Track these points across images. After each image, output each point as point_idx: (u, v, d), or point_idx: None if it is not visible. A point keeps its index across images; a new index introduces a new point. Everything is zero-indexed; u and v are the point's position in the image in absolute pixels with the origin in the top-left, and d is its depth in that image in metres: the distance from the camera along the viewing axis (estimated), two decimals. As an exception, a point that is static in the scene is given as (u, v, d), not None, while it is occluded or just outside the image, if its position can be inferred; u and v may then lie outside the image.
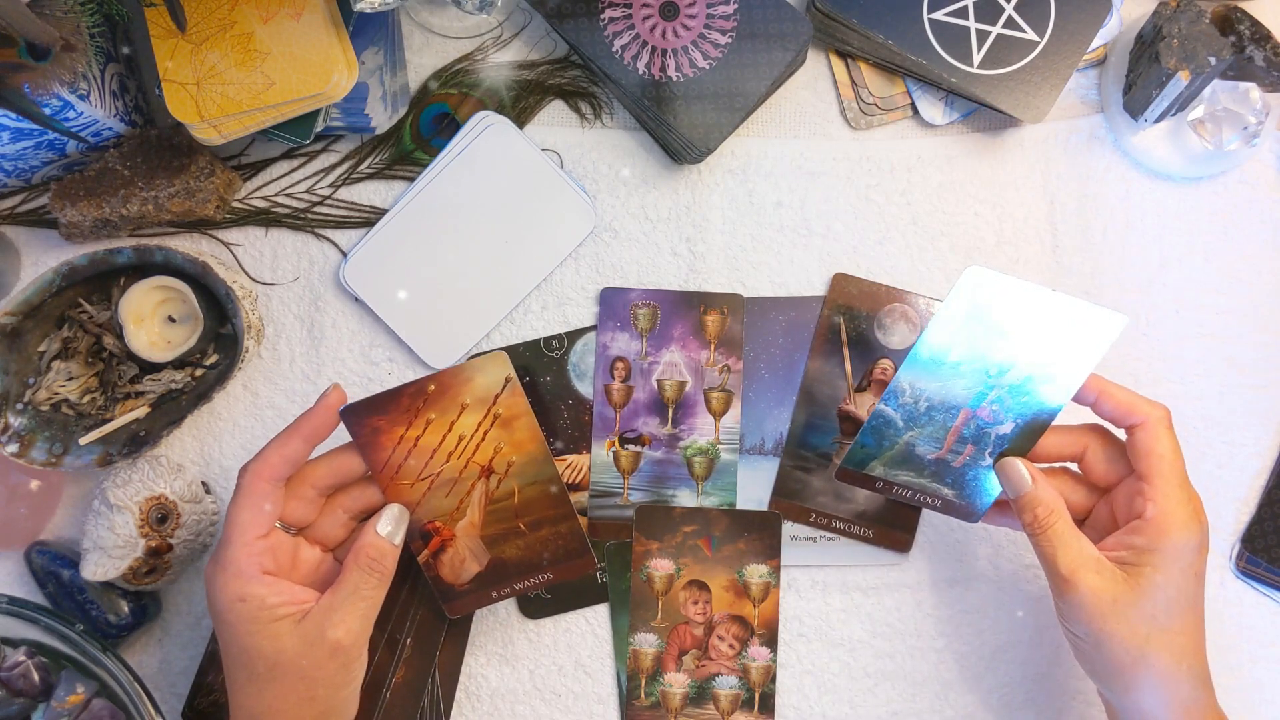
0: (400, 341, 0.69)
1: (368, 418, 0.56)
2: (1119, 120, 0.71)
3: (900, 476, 0.61)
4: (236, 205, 0.70)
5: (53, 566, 0.66)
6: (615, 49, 0.67)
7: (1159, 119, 0.68)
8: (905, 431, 0.60)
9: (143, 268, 0.65)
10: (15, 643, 0.62)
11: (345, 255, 0.70)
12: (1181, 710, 0.55)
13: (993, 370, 0.58)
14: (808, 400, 0.69)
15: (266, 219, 0.70)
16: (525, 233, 0.69)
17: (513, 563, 0.60)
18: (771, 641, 0.67)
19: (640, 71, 0.67)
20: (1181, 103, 0.67)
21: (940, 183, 0.71)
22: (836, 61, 0.71)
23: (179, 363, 0.66)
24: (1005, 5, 0.68)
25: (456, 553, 0.59)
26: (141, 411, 0.65)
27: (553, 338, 0.70)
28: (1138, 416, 0.56)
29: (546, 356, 0.69)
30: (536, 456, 0.58)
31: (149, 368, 0.66)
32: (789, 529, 0.69)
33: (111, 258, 0.64)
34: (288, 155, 0.70)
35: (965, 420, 0.59)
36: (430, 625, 0.66)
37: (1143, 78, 0.67)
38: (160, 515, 0.63)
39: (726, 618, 0.68)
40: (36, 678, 0.61)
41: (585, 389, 0.69)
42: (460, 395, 0.56)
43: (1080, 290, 0.71)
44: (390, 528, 0.56)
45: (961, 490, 0.61)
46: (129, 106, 0.66)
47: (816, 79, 0.72)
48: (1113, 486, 0.59)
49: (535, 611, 0.68)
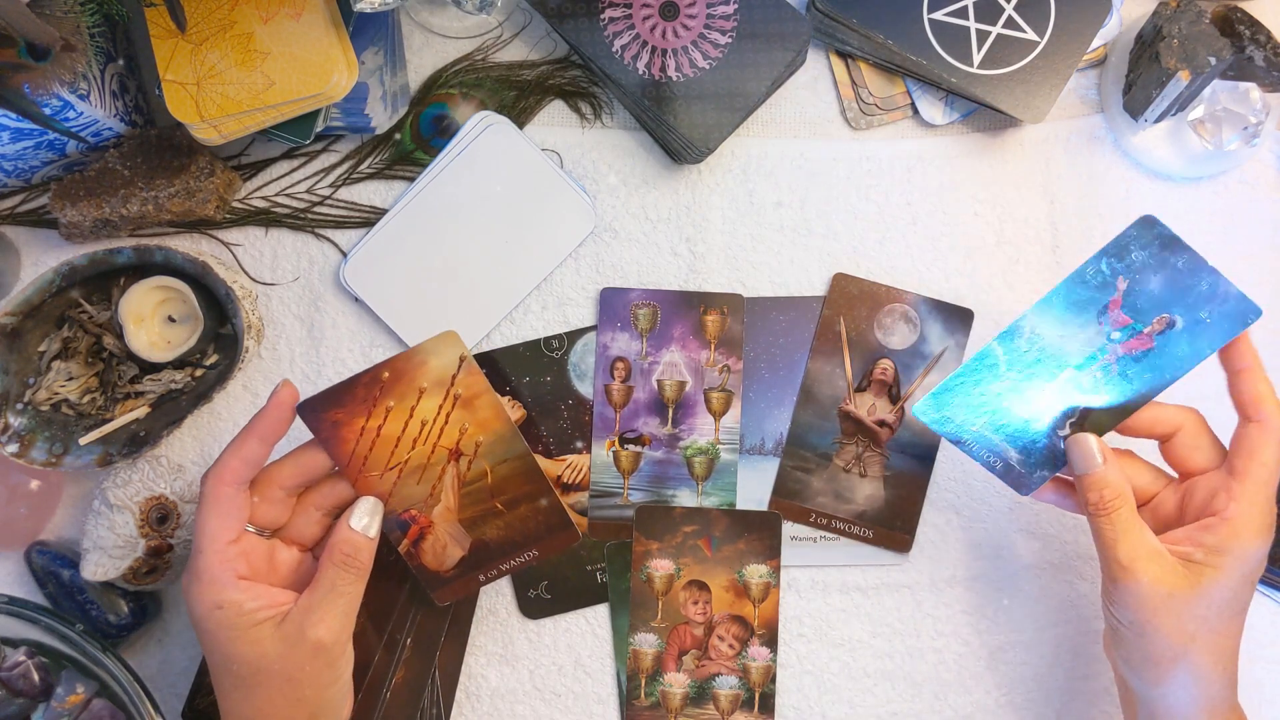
0: (400, 341, 0.69)
1: (325, 412, 0.55)
2: (1119, 120, 0.71)
3: (973, 426, 0.59)
4: (236, 205, 0.70)
5: (53, 566, 0.66)
6: (615, 49, 0.67)
7: (1159, 119, 0.68)
8: (1002, 378, 0.58)
9: (143, 268, 0.65)
10: (15, 643, 0.62)
11: (345, 255, 0.70)
12: (1209, 708, 0.55)
13: (1115, 333, 0.57)
14: (808, 400, 0.69)
15: (266, 219, 0.70)
16: (525, 233, 0.69)
17: (495, 543, 0.59)
18: (771, 641, 0.67)
19: (640, 71, 0.67)
20: (1181, 103, 0.67)
21: (940, 183, 0.71)
22: (836, 61, 0.72)
23: (179, 363, 0.66)
24: (1005, 5, 0.68)
25: (437, 539, 0.58)
26: (141, 411, 0.65)
27: (553, 338, 0.70)
28: (1263, 413, 0.55)
29: (546, 356, 0.69)
30: (504, 434, 0.57)
31: (149, 368, 0.66)
32: (789, 529, 0.69)
33: (111, 258, 0.64)
34: (288, 155, 0.70)
35: (1065, 380, 0.58)
36: (430, 625, 0.66)
37: (1143, 78, 0.67)
38: (160, 515, 0.63)
39: (726, 618, 0.68)
40: (36, 678, 0.61)
41: (585, 389, 0.69)
42: (416, 379, 0.55)
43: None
44: (365, 520, 0.55)
45: (1029, 457, 0.59)
46: (129, 106, 0.66)
47: (816, 79, 0.72)
48: (1191, 475, 0.58)
49: (535, 611, 0.68)
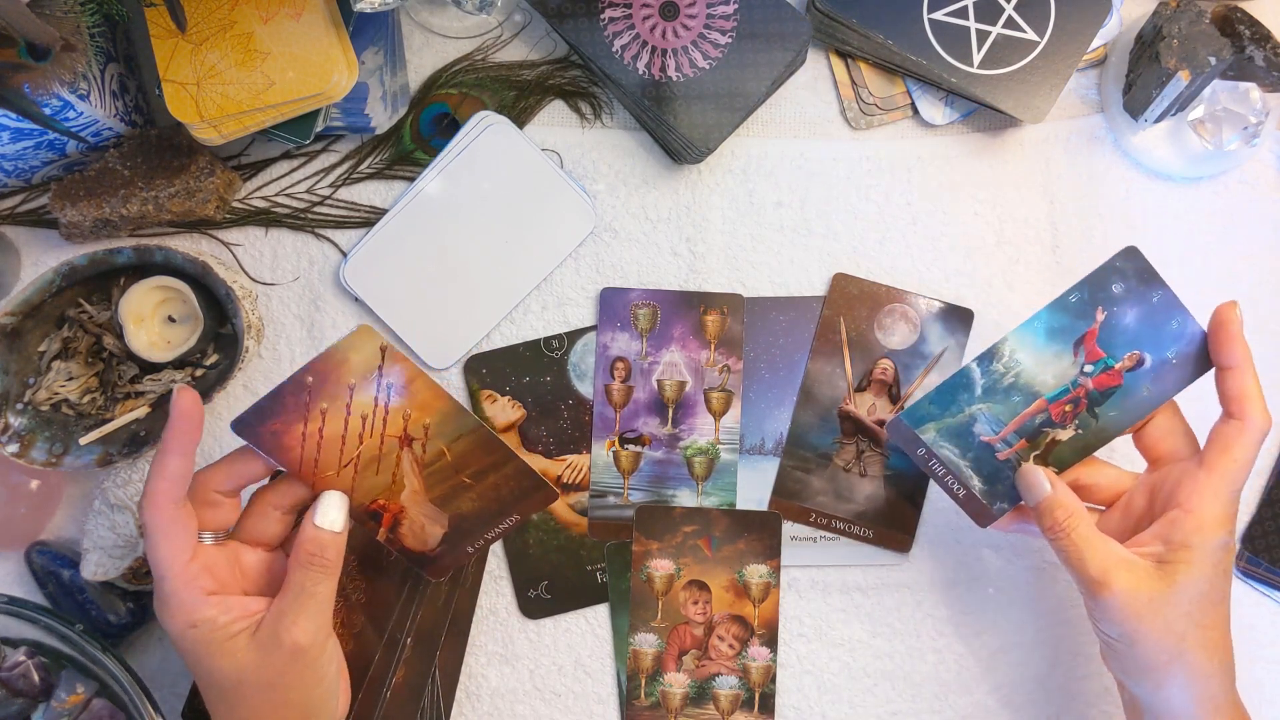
0: (401, 341, 0.69)
1: (261, 425, 0.54)
2: (1119, 120, 0.71)
3: (944, 449, 0.59)
4: (236, 205, 0.70)
5: (53, 566, 0.66)
6: (615, 49, 0.67)
7: (1159, 119, 0.68)
8: (977, 402, 0.58)
9: (143, 268, 0.65)
10: (15, 643, 0.62)
11: (345, 255, 0.70)
12: (1211, 705, 0.55)
13: (1088, 366, 0.57)
14: (808, 400, 0.69)
15: (266, 219, 0.70)
16: (525, 233, 0.69)
17: (473, 515, 0.59)
18: (771, 641, 0.67)
19: (640, 71, 0.67)
20: (1181, 103, 0.67)
21: (940, 183, 0.71)
22: (836, 61, 0.72)
23: (179, 363, 0.66)
24: (1005, 5, 0.68)
25: (413, 521, 0.58)
26: (141, 411, 0.65)
27: (553, 338, 0.70)
28: (1246, 412, 0.55)
29: (546, 356, 0.69)
30: (449, 411, 0.56)
31: (149, 368, 0.66)
32: (789, 529, 0.69)
33: (111, 258, 0.64)
34: (288, 155, 0.70)
35: (1036, 411, 0.58)
36: (430, 625, 0.66)
37: (1143, 78, 0.67)
38: (160, 515, 0.63)
39: (726, 618, 0.68)
40: (36, 678, 0.61)
41: (585, 389, 0.69)
42: (342, 378, 0.55)
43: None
44: (330, 515, 0.54)
45: (991, 486, 0.59)
46: (129, 106, 0.66)
47: (816, 79, 0.72)
48: (1161, 463, 0.58)
49: (535, 611, 0.68)
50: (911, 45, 0.68)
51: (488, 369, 0.69)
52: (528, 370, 0.69)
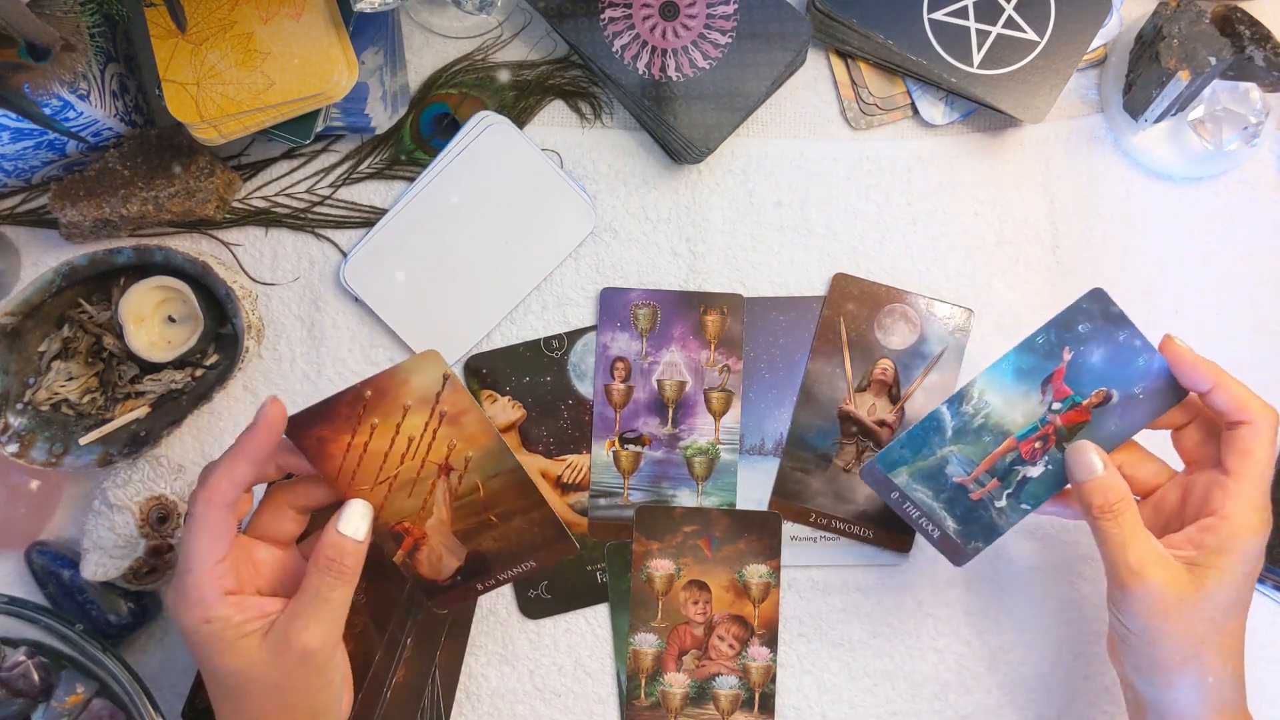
0: (401, 342, 0.69)
1: (310, 429, 0.55)
2: (1119, 120, 0.71)
3: (917, 492, 0.60)
4: (236, 205, 0.70)
5: (53, 566, 0.66)
6: (615, 49, 0.67)
7: (1159, 119, 0.68)
8: (948, 444, 0.59)
9: (143, 268, 0.65)
10: (15, 643, 0.62)
11: (345, 255, 0.70)
12: (1218, 710, 0.55)
13: (1056, 404, 0.58)
14: (808, 400, 0.69)
15: (266, 219, 0.70)
16: (525, 233, 0.69)
17: (491, 554, 0.59)
18: (771, 641, 0.67)
19: (640, 71, 0.67)
20: (1181, 103, 0.67)
21: (940, 183, 0.71)
22: (836, 61, 0.72)
23: (179, 363, 0.66)
24: (1005, 5, 0.68)
25: (432, 550, 0.58)
26: (141, 411, 0.65)
27: (553, 338, 0.70)
28: (1248, 414, 0.55)
29: (546, 356, 0.69)
30: (493, 449, 0.57)
31: (149, 368, 0.66)
32: (789, 529, 0.69)
33: (111, 258, 0.64)
34: (288, 155, 0.70)
35: (1007, 450, 0.59)
36: (430, 625, 0.66)
37: (1143, 78, 0.67)
38: (160, 515, 0.63)
39: (726, 618, 0.68)
40: (36, 678, 0.61)
41: (585, 389, 0.69)
42: (399, 398, 0.55)
43: (1080, 291, 0.71)
44: (354, 524, 0.54)
45: (965, 526, 0.60)
46: (129, 106, 0.66)
47: (816, 79, 0.72)
48: (1198, 467, 0.58)
49: (535, 611, 0.68)
50: (911, 45, 0.68)
51: (488, 369, 0.69)
52: (528, 370, 0.69)
